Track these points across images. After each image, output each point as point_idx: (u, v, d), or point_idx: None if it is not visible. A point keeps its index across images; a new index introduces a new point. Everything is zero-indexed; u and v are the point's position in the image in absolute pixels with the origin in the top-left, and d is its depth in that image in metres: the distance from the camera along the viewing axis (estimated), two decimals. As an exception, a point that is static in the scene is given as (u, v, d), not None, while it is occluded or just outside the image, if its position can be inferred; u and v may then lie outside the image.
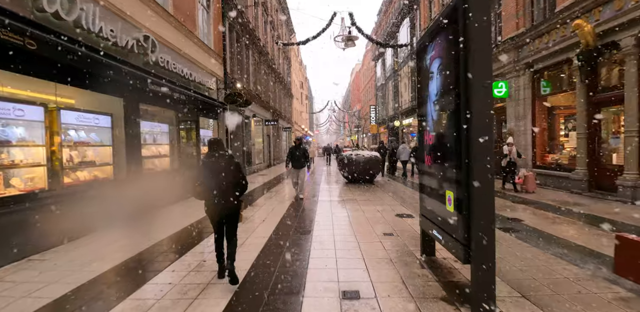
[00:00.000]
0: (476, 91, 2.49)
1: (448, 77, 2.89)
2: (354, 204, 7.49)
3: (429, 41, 3.42)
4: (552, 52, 9.02)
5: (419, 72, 3.86)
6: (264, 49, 20.50)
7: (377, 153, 12.25)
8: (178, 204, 7.50)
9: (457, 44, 2.61)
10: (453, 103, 2.74)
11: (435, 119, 3.30)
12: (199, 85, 9.69)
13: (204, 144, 10.71)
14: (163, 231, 5.23)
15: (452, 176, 2.84)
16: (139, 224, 5.79)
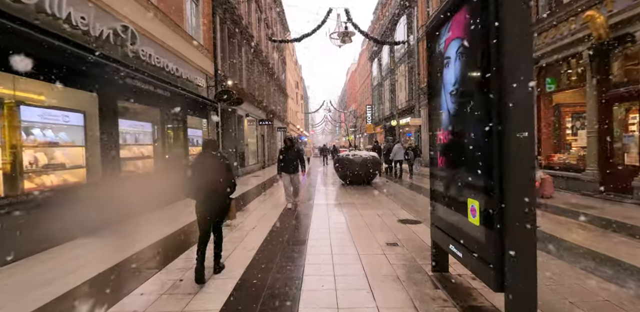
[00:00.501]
0: (514, 75, 1.97)
1: (473, 60, 2.38)
2: (352, 208, 6.96)
3: (443, 21, 2.90)
4: (559, 47, 8.57)
5: (430, 59, 3.34)
6: (257, 46, 19.93)
7: (375, 153, 11.74)
8: (162, 210, 6.92)
9: (486, 17, 2.09)
10: (481, 92, 2.22)
11: (453, 113, 2.78)
12: (186, 82, 9.11)
13: (193, 144, 10.14)
14: (139, 242, 4.65)
15: (477, 182, 2.32)
16: (113, 234, 5.21)
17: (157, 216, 6.48)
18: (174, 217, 6.25)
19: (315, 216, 6.33)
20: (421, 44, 19.51)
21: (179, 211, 6.84)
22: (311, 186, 11.14)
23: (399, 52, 24.86)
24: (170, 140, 8.46)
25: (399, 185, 11.25)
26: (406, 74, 22.93)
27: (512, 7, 1.98)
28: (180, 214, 6.41)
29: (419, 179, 12.82)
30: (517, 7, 1.99)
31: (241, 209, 7.07)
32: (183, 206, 7.08)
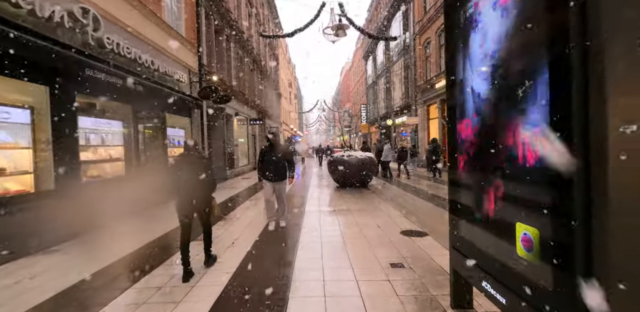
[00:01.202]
0: (615, 39, 1.22)
1: (533, 10, 1.62)
2: (347, 216, 6.20)
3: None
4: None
5: (449, 32, 2.61)
6: (248, 43, 19.10)
7: (371, 154, 11.01)
8: (133, 218, 6.09)
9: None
10: (552, 57, 1.46)
11: (486, 98, 2.03)
12: (164, 76, 8.28)
13: (174, 144, 9.32)
14: (100, 259, 3.85)
15: (534, 198, 1.57)
16: (70, 250, 4.40)
17: (128, 225, 5.66)
18: (147, 225, 5.46)
19: (306, 226, 5.55)
20: (417, 40, 18.85)
21: (153, 218, 6.04)
22: (304, 189, 10.36)
23: (395, 49, 24.21)
24: (145, 140, 7.63)
25: (396, 188, 10.52)
26: (402, 72, 22.26)
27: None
28: (154, 223, 5.61)
29: (415, 181, 12.12)
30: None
31: (223, 218, 6.27)
32: (159, 212, 6.28)
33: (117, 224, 5.64)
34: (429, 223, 5.53)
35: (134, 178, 6.79)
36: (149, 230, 5.28)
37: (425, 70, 18.40)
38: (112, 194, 5.74)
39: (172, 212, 3.59)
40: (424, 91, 18.27)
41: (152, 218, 6.19)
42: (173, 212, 3.52)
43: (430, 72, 17.59)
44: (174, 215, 3.51)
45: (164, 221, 5.59)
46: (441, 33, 15.80)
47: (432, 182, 11.64)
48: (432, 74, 16.89)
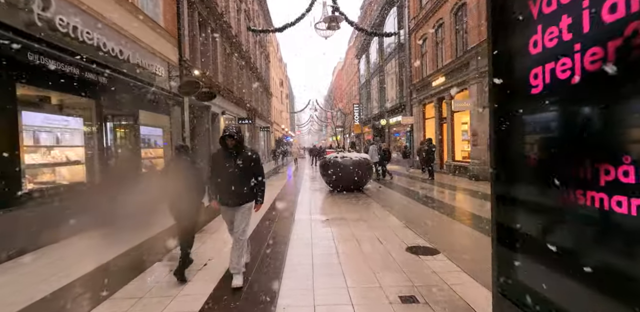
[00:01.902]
0: None
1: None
2: (343, 227, 5.42)
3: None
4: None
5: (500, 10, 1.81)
6: (236, 39, 18.22)
7: (367, 155, 10.26)
8: (90, 233, 5.21)
9: None
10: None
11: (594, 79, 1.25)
12: (136, 68, 7.40)
13: (150, 145, 8.44)
14: (38, 288, 2.99)
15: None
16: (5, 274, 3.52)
17: (83, 243, 4.78)
18: (105, 241, 4.59)
19: (294, 240, 4.74)
20: (413, 37, 18.19)
21: (120, 232, 5.16)
22: (293, 194, 9.55)
23: (389, 47, 23.54)
24: (114, 140, 6.74)
25: (393, 191, 9.78)
26: (396, 70, 21.59)
27: None
28: (116, 239, 4.75)
29: (411, 183, 11.40)
30: None
31: (199, 230, 5.43)
32: (120, 229, 5.40)
33: (73, 241, 4.76)
34: (437, 236, 4.78)
35: (99, 183, 5.91)
36: (108, 250, 4.42)
37: (421, 68, 17.74)
38: (69, 204, 4.87)
39: (145, 225, 2.76)
40: (419, 90, 17.61)
41: (117, 234, 5.31)
42: (147, 225, 2.69)
43: (426, 69, 16.93)
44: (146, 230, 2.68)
45: (135, 234, 4.74)
46: (439, 28, 15.16)
47: (429, 185, 10.94)
48: (429, 72, 16.23)
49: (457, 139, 14.41)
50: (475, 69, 11.53)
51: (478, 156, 11.69)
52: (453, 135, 14.36)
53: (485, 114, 12.15)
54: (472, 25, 11.78)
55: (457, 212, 6.49)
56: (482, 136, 11.58)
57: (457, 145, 14.39)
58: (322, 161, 10.33)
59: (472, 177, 11.73)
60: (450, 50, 13.88)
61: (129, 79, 6.79)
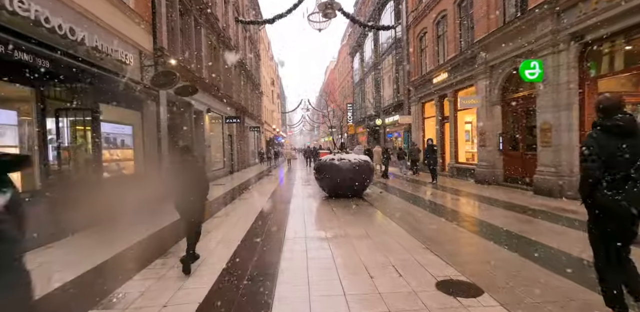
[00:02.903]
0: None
1: None
2: (347, 249, 4.31)
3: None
4: (614, 16, 6.32)
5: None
6: (224, 32, 17.00)
7: (367, 157, 9.18)
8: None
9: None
10: None
11: None
12: (95, 53, 6.18)
13: (116, 145, 7.22)
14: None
15: None
16: None
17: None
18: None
19: (284, 274, 3.57)
20: (411, 32, 17.23)
21: (51, 257, 3.95)
22: (283, 202, 8.40)
23: (385, 43, 22.58)
24: (64, 139, 5.51)
25: (397, 197, 8.72)
26: (393, 68, 20.63)
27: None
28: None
29: (415, 188, 10.38)
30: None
31: (175, 243, 4.27)
32: (52, 253, 4.22)
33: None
34: (471, 263, 3.70)
35: (40, 191, 4.71)
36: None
37: (420, 64, 16.78)
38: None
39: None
40: (418, 87, 16.64)
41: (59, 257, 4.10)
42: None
43: (426, 66, 15.97)
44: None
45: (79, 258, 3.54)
46: (440, 20, 14.20)
47: (434, 189, 9.91)
48: (429, 68, 15.26)
49: (461, 139, 13.46)
50: (484, 63, 10.56)
51: (486, 158, 10.71)
52: (456, 135, 13.40)
53: (495, 112, 11.30)
54: (480, 16, 10.82)
55: (481, 227, 5.44)
56: (490, 136, 10.62)
57: (461, 146, 13.43)
58: (317, 164, 9.22)
59: (479, 182, 10.76)
60: (453, 44, 12.92)
61: (85, 65, 5.58)
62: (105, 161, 6.79)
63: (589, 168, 2.23)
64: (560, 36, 7.63)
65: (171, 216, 6.48)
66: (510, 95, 10.00)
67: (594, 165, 2.21)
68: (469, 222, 5.70)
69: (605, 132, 2.26)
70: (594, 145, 2.23)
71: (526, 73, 7.97)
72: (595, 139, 2.25)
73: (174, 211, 3.76)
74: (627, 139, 2.18)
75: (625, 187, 2.12)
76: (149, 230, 5.42)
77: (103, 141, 6.69)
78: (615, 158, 2.18)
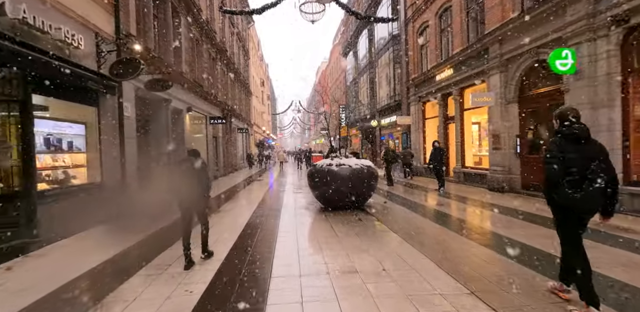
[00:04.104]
0: None
1: None
2: (360, 298, 2.98)
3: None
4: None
5: None
6: (208, 25, 15.61)
7: (369, 162, 7.89)
8: None
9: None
10: None
11: None
12: (24, 27, 4.75)
13: (59, 148, 5.79)
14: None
15: None
16: None
17: None
18: None
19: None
20: (411, 27, 16.10)
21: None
22: (273, 216, 7.03)
23: (381, 40, 21.44)
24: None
25: (403, 208, 7.46)
26: (390, 66, 19.48)
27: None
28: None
29: (420, 195, 9.14)
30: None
31: (119, 280, 2.89)
32: None
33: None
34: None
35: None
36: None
37: (420, 61, 15.65)
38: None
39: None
40: (418, 86, 15.50)
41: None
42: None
43: (427, 62, 14.83)
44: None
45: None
46: (444, 12, 13.07)
47: (444, 198, 8.67)
48: (431, 65, 14.12)
49: (468, 141, 12.31)
50: (498, 56, 9.42)
51: (500, 162, 9.54)
52: (463, 137, 12.24)
53: (511, 111, 10.07)
54: (492, 4, 9.70)
55: (528, 254, 4.17)
56: (505, 138, 9.46)
57: (468, 148, 12.27)
58: (311, 170, 7.89)
59: (492, 189, 9.58)
60: (460, 38, 11.78)
61: (9, 43, 4.21)
62: (44, 169, 5.35)
63: (552, 170, 2.54)
64: (598, 20, 6.49)
65: (133, 235, 5.09)
66: (530, 92, 8.86)
67: (556, 167, 2.52)
68: (510, 247, 4.44)
69: (565, 138, 2.59)
70: (556, 150, 2.57)
71: (557, 64, 6.80)
72: (558, 144, 2.60)
73: (131, 227, 2.57)
74: (582, 144, 2.56)
75: (582, 186, 2.45)
76: (93, 262, 4.02)
77: (40, 143, 5.26)
78: (574, 161, 2.50)
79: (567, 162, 2.50)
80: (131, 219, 6.26)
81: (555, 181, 2.52)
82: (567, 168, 2.49)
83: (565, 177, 2.49)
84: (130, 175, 7.48)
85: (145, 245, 4.87)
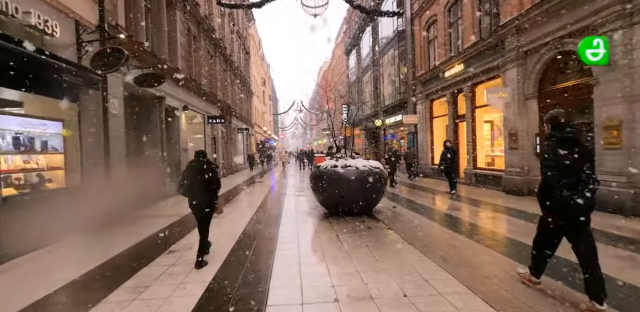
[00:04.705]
0: None
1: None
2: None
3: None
4: None
5: None
6: (206, 21, 15.00)
7: (377, 163, 7.21)
8: None
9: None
10: None
11: None
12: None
13: (31, 149, 5.16)
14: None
15: None
16: None
17: None
18: None
19: None
20: (417, 22, 15.43)
21: None
22: (273, 223, 6.36)
23: (385, 38, 20.77)
24: None
25: (416, 215, 6.78)
26: (395, 62, 18.80)
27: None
28: None
29: (431, 199, 8.45)
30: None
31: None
32: None
33: None
34: None
35: None
36: None
37: (427, 57, 14.96)
38: None
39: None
40: (425, 83, 14.82)
41: None
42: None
43: (435, 58, 14.15)
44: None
45: None
46: (454, 5, 12.39)
47: (459, 202, 7.97)
48: (439, 61, 13.44)
49: (480, 141, 11.61)
50: (515, 48, 8.73)
51: (518, 162, 8.84)
52: (474, 136, 11.54)
53: (530, 107, 8.65)
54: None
55: (576, 274, 3.49)
56: (524, 137, 8.77)
57: (480, 148, 11.57)
58: (314, 172, 7.22)
59: (508, 192, 8.89)
60: (471, 31, 11.10)
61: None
62: (12, 171, 4.72)
63: (549, 172, 2.63)
64: (636, 4, 5.80)
65: (110, 248, 4.43)
66: (552, 86, 8.16)
67: (553, 170, 2.61)
68: (554, 264, 3.76)
69: (559, 142, 2.67)
70: (552, 154, 2.65)
71: (587, 53, 6.11)
72: (552, 148, 2.67)
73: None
74: (575, 147, 2.61)
75: (578, 188, 2.55)
76: (56, 282, 3.37)
77: (8, 142, 4.62)
78: (568, 163, 2.58)
79: (563, 165, 2.57)
80: (113, 228, 5.63)
81: (554, 185, 2.58)
82: (563, 171, 2.56)
83: (562, 180, 2.56)
84: (117, 177, 6.85)
85: (121, 261, 4.22)
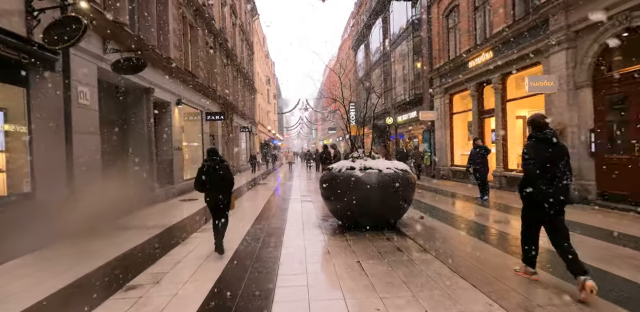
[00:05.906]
0: None
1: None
2: None
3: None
4: None
5: None
6: (205, 9, 13.77)
7: (402, 165, 5.85)
8: None
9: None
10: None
11: None
12: None
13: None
14: None
15: None
16: None
17: None
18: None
19: None
20: (435, 9, 14.05)
21: None
22: (272, 244, 5.05)
23: (397, 30, 19.40)
24: None
25: (450, 228, 5.45)
26: (409, 56, 17.44)
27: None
28: None
29: (461, 206, 7.09)
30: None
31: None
32: None
33: None
34: None
35: None
36: None
37: (447, 47, 13.58)
38: None
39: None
40: (444, 76, 13.45)
41: None
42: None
43: (456, 48, 12.77)
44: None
45: None
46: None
47: (499, 212, 6.59)
48: (462, 50, 12.05)
49: (512, 139, 10.22)
50: (564, 28, 7.34)
51: (566, 164, 7.45)
52: (505, 134, 10.15)
53: (583, 98, 6.55)
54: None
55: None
56: (574, 133, 7.37)
57: (512, 148, 10.18)
58: (324, 176, 5.89)
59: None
60: (502, 13, 9.72)
61: None
62: None
63: (529, 169, 3.00)
64: None
65: (62, 274, 3.15)
66: (611, 72, 6.76)
67: (533, 166, 2.97)
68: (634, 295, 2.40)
69: (538, 141, 3.04)
70: (532, 153, 3.01)
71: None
72: (532, 147, 3.04)
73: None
74: (552, 147, 2.99)
75: (553, 183, 2.93)
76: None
77: None
78: (546, 161, 2.94)
79: (541, 162, 2.93)
80: (69, 248, 4.38)
81: (534, 179, 2.95)
82: (541, 167, 2.92)
83: (540, 175, 2.92)
84: (86, 183, 5.60)
85: (79, 290, 2.94)
